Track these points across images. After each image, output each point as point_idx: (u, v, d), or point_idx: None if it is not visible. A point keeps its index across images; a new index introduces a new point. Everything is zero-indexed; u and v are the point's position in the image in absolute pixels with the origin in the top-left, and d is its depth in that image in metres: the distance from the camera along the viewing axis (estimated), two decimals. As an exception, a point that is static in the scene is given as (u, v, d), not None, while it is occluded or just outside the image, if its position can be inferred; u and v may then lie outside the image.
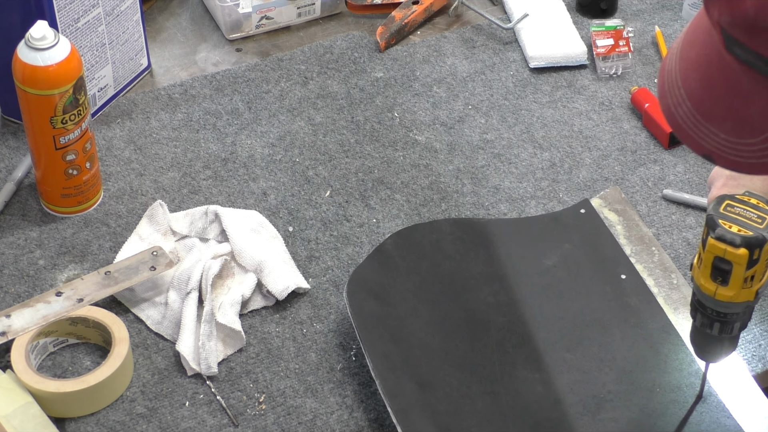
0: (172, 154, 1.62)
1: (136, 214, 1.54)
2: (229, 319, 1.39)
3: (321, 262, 1.49)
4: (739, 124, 0.89)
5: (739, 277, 1.17)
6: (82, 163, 1.49)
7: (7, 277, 1.46)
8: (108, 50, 1.63)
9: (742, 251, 1.15)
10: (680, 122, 0.94)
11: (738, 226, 1.16)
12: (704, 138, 0.93)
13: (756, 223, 1.16)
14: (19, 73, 1.41)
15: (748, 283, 1.18)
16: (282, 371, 1.38)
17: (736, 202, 1.18)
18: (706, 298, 1.21)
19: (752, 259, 1.16)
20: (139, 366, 1.37)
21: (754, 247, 1.15)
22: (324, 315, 1.44)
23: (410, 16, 1.81)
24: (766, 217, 1.16)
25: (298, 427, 1.33)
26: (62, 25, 1.53)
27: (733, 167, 0.94)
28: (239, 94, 1.71)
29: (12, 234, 1.51)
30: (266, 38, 1.81)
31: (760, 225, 1.16)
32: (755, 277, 1.18)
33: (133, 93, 1.70)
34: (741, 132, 0.90)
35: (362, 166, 1.62)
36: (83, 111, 1.44)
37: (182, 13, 1.84)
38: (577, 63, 1.77)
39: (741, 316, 1.22)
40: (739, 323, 1.23)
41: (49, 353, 1.38)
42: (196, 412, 1.34)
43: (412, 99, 1.72)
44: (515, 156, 1.64)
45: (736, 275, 1.17)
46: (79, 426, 1.32)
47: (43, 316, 1.36)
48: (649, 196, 1.59)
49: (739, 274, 1.17)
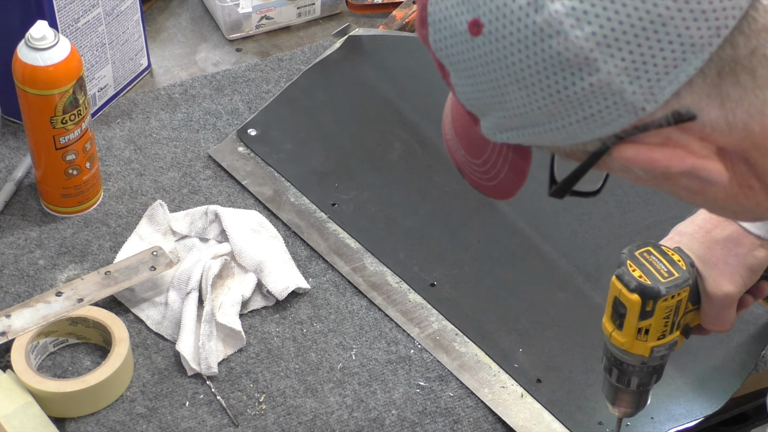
0: (172, 154, 1.62)
1: (136, 214, 1.54)
2: (229, 319, 1.39)
3: (321, 262, 1.49)
4: (469, 143, 0.94)
5: (632, 325, 1.13)
6: (82, 163, 1.49)
7: (7, 277, 1.46)
8: (108, 50, 1.63)
9: (634, 297, 1.11)
10: (445, 132, 0.99)
11: (642, 272, 1.12)
12: (455, 152, 0.98)
13: (661, 275, 1.12)
14: (19, 73, 1.41)
15: (642, 335, 1.14)
16: (282, 371, 1.38)
17: (657, 252, 1.14)
18: (606, 339, 1.17)
19: (644, 309, 1.12)
20: (139, 366, 1.37)
21: (647, 297, 1.11)
22: (324, 315, 1.44)
23: (411, 15, 1.81)
24: (675, 274, 1.12)
25: (298, 427, 1.33)
26: (62, 25, 1.53)
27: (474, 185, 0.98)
28: (239, 94, 1.71)
29: (12, 234, 1.51)
30: (266, 38, 1.81)
31: (663, 279, 1.11)
32: (650, 332, 1.13)
33: (133, 93, 1.70)
34: (470, 151, 0.95)
35: (362, 166, 1.62)
36: (83, 111, 1.44)
37: (182, 13, 1.84)
38: (577, 63, 1.77)
39: (637, 371, 1.18)
40: (637, 379, 1.18)
41: (49, 353, 1.38)
42: (196, 412, 1.34)
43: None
44: (515, 156, 1.64)
45: (629, 321, 1.13)
46: (79, 426, 1.32)
47: (43, 316, 1.36)
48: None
49: (632, 321, 1.13)
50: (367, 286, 1.45)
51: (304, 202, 1.54)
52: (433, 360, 1.40)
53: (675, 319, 1.14)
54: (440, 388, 1.37)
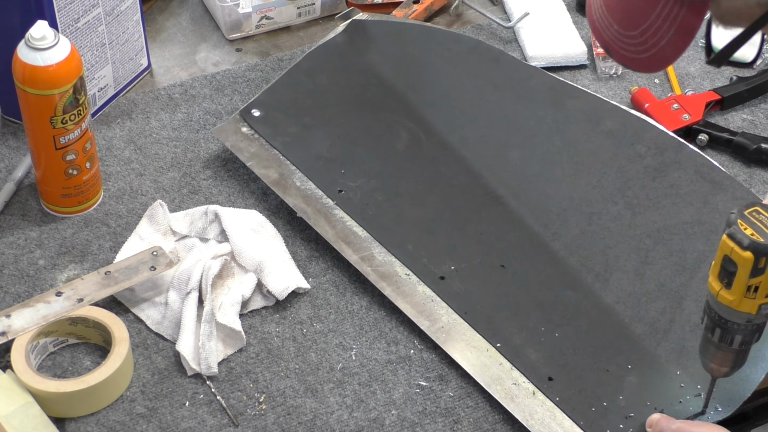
0: (172, 154, 1.62)
1: (136, 214, 1.54)
2: (229, 319, 1.39)
3: (321, 262, 1.49)
4: (626, 15, 0.98)
5: (742, 282, 1.16)
6: (82, 163, 1.49)
7: (7, 277, 1.46)
8: (108, 50, 1.63)
9: (747, 254, 1.14)
10: (593, 13, 1.03)
11: (753, 230, 1.15)
12: (605, 29, 1.02)
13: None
14: (19, 73, 1.41)
15: (751, 293, 1.17)
16: (282, 371, 1.38)
17: (765, 211, 1.16)
18: (711, 297, 1.20)
19: (757, 266, 1.15)
20: (139, 366, 1.37)
21: (760, 253, 1.14)
22: (324, 315, 1.44)
23: (411, 15, 1.81)
24: None
25: (298, 427, 1.33)
26: (62, 25, 1.53)
27: (623, 62, 1.04)
28: (239, 94, 1.71)
29: (12, 234, 1.51)
30: (266, 38, 1.81)
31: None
32: (759, 289, 1.16)
33: (133, 93, 1.70)
34: (626, 24, 0.99)
35: (362, 166, 1.62)
36: (83, 111, 1.44)
37: (182, 13, 1.84)
38: (577, 63, 1.77)
39: (742, 329, 1.20)
40: (740, 337, 1.21)
41: (49, 353, 1.38)
42: (196, 412, 1.34)
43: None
44: (515, 156, 1.64)
45: (739, 279, 1.16)
46: (79, 426, 1.32)
47: (43, 316, 1.36)
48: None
49: (743, 278, 1.16)
50: (377, 276, 1.44)
51: (311, 187, 1.53)
52: (434, 360, 1.40)
53: None
54: (440, 388, 1.37)
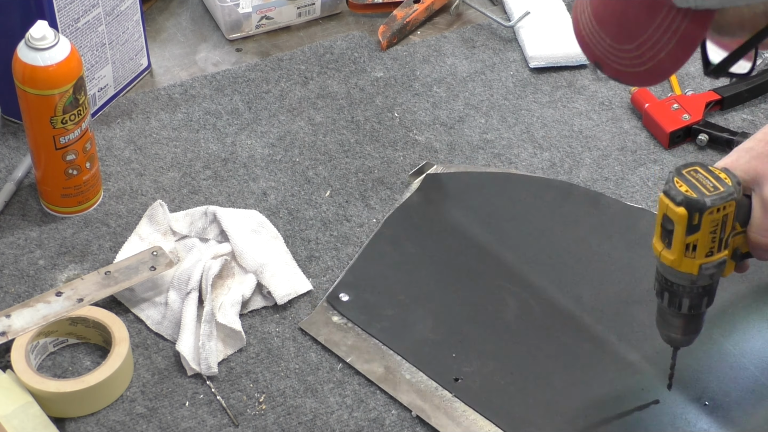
0: (172, 154, 1.62)
1: (136, 214, 1.54)
2: (230, 319, 1.39)
3: (321, 262, 1.49)
4: (620, 28, 0.95)
5: (680, 240, 1.16)
6: (82, 163, 1.49)
7: (7, 277, 1.46)
8: (108, 50, 1.63)
9: (681, 210, 1.15)
10: (581, 28, 0.99)
11: (688, 187, 1.15)
12: (595, 44, 0.98)
13: (706, 189, 1.15)
14: (19, 73, 1.41)
15: (690, 252, 1.17)
16: (282, 371, 1.38)
17: (703, 170, 1.17)
18: (657, 262, 1.21)
19: (691, 223, 1.15)
20: (139, 366, 1.37)
21: (693, 209, 1.14)
22: (324, 315, 1.44)
23: (412, 15, 1.81)
24: (720, 189, 1.15)
25: (298, 427, 1.33)
26: (62, 25, 1.53)
27: (615, 76, 1.00)
28: (239, 94, 1.71)
29: (12, 234, 1.51)
30: (266, 38, 1.81)
31: (708, 192, 1.15)
32: (698, 248, 1.17)
33: (133, 93, 1.70)
34: (620, 37, 0.96)
35: (362, 166, 1.62)
36: (83, 111, 1.44)
37: (182, 13, 1.84)
38: (577, 63, 1.77)
39: (687, 291, 1.20)
40: (688, 300, 1.21)
41: (49, 353, 1.38)
42: (196, 412, 1.34)
43: (412, 99, 1.72)
44: (515, 156, 1.64)
45: (677, 236, 1.16)
46: (79, 426, 1.32)
47: (43, 316, 1.36)
48: (649, 196, 1.59)
49: (680, 236, 1.16)
50: None
51: (422, 379, 1.36)
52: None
53: (722, 235, 1.17)
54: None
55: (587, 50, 1.02)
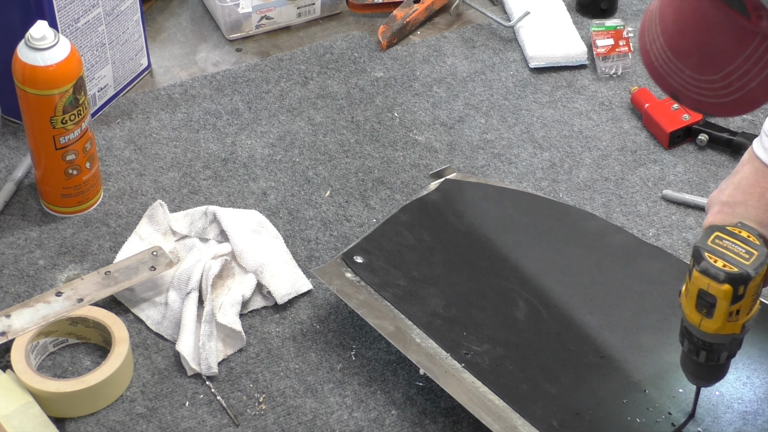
0: (172, 154, 1.62)
1: (136, 214, 1.54)
2: (230, 320, 1.39)
3: (321, 262, 1.49)
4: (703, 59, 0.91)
5: (724, 311, 1.14)
6: (82, 163, 1.49)
7: (7, 277, 1.46)
8: (108, 50, 1.63)
9: (726, 287, 1.12)
10: (653, 59, 0.96)
11: (724, 261, 1.12)
12: (672, 75, 0.94)
13: (743, 258, 1.12)
14: (19, 73, 1.41)
15: (734, 316, 1.15)
16: (282, 371, 1.38)
17: (726, 235, 1.14)
18: (692, 327, 1.18)
19: (737, 294, 1.13)
20: (139, 366, 1.37)
21: (738, 283, 1.12)
22: (324, 315, 1.44)
23: (412, 15, 1.81)
24: (754, 253, 1.12)
25: (298, 427, 1.33)
26: (62, 25, 1.53)
27: (696, 107, 0.95)
28: (239, 94, 1.71)
29: (12, 234, 1.51)
30: (266, 38, 1.81)
31: (746, 261, 1.12)
32: (741, 312, 1.15)
33: (133, 93, 1.70)
34: (704, 68, 0.92)
35: (362, 166, 1.62)
36: (83, 111, 1.44)
37: (182, 13, 1.84)
38: (577, 63, 1.77)
39: (727, 347, 1.19)
40: (726, 353, 1.20)
41: (49, 353, 1.38)
42: (196, 412, 1.34)
43: (412, 99, 1.72)
44: (515, 156, 1.64)
45: (720, 309, 1.14)
46: (79, 426, 1.32)
47: (43, 316, 1.36)
48: (648, 196, 1.59)
49: (724, 308, 1.14)
50: None
51: (432, 346, 1.37)
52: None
53: (759, 291, 1.15)
54: (440, 389, 1.37)
55: (662, 82, 0.97)
